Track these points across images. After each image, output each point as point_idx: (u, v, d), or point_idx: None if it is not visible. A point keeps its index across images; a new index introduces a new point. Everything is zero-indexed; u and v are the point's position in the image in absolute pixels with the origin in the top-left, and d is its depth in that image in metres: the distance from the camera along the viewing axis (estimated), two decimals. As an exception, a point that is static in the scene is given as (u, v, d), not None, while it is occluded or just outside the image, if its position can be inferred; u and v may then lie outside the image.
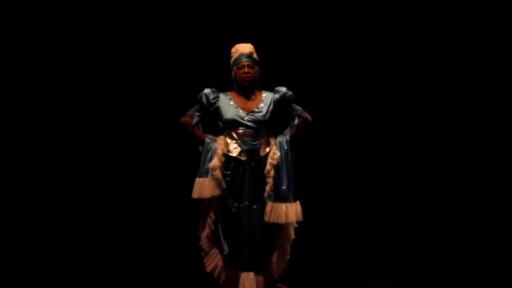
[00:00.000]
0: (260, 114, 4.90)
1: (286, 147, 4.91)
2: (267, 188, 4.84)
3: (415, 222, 6.33)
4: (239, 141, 4.89)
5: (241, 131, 4.90)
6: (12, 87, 6.17)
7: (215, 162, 4.83)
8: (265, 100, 4.96)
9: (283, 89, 4.98)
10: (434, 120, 6.39)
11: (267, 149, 4.92)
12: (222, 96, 4.98)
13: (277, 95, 4.97)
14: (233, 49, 4.98)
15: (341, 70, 6.41)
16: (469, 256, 6.19)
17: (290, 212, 4.82)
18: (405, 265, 6.23)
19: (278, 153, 4.88)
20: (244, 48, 4.96)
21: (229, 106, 4.93)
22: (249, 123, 4.89)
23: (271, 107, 4.93)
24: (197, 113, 5.00)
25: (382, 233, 6.36)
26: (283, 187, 4.83)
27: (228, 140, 4.92)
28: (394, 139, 6.39)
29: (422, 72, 6.39)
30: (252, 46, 4.98)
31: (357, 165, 6.43)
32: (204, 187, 4.84)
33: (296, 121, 5.00)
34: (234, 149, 4.90)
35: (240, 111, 4.91)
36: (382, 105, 6.42)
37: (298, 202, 4.88)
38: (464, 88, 6.36)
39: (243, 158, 4.89)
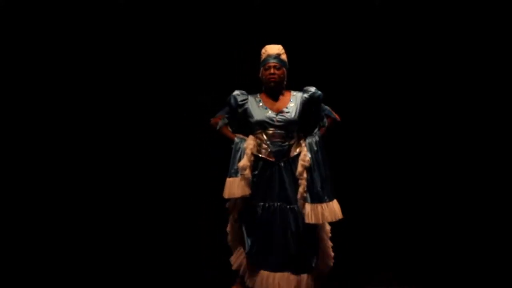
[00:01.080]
0: (289, 114, 4.92)
1: (316, 148, 4.94)
2: (301, 189, 4.86)
3: (415, 222, 6.37)
4: (268, 142, 4.91)
5: (270, 131, 4.91)
6: (12, 87, 6.09)
7: (244, 162, 4.84)
8: (294, 100, 4.98)
9: (312, 89, 5.01)
10: (432, 120, 6.43)
11: (297, 150, 4.93)
12: (251, 98, 5.00)
13: (305, 95, 4.99)
14: (262, 50, 5.02)
15: (341, 70, 6.41)
16: (469, 256, 6.26)
17: (326, 212, 4.86)
18: (405, 265, 6.28)
19: (309, 155, 4.88)
20: (272, 49, 4.99)
21: (258, 107, 4.95)
22: (278, 124, 4.90)
23: (300, 107, 4.95)
24: (226, 115, 5.01)
25: (382, 233, 6.39)
26: (318, 189, 4.86)
27: (258, 141, 4.92)
28: (394, 138, 6.42)
29: (423, 71, 6.43)
30: (281, 47, 5.01)
31: (357, 165, 6.44)
32: (234, 187, 4.84)
33: (325, 121, 5.03)
34: (263, 149, 4.90)
35: (269, 112, 4.93)
36: (382, 105, 6.44)
37: (335, 201, 4.93)
38: (464, 88, 6.41)
39: (271, 159, 4.88)
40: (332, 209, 4.90)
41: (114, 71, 6.20)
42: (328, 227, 5.02)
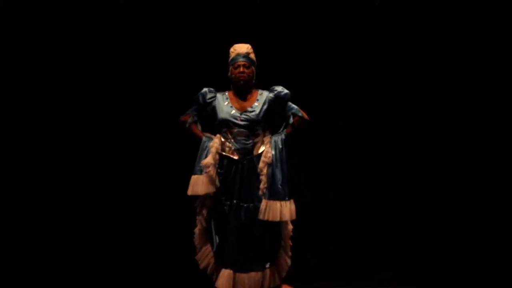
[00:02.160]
0: (253, 113, 4.95)
1: (280, 146, 4.95)
2: (261, 186, 4.89)
3: (415, 222, 6.32)
4: (232, 140, 4.95)
5: (235, 130, 4.96)
6: (12, 87, 6.17)
7: (208, 159, 4.90)
8: (260, 99, 5.00)
9: (278, 88, 5.01)
10: (433, 120, 6.37)
11: (262, 148, 4.95)
12: (219, 96, 5.05)
13: (271, 94, 5.02)
14: (231, 49, 5.04)
15: (341, 70, 6.41)
16: (469, 256, 6.17)
17: (284, 210, 4.86)
18: (405, 265, 6.22)
19: (272, 152, 4.92)
20: (241, 48, 5.02)
21: (225, 105, 4.99)
22: (242, 123, 4.94)
23: (265, 106, 4.97)
24: (195, 112, 5.08)
25: (382, 233, 6.35)
26: (278, 186, 4.86)
27: (223, 139, 4.97)
28: (393, 138, 6.38)
29: (422, 72, 6.37)
30: (249, 47, 5.04)
31: (357, 165, 6.43)
32: (198, 184, 4.90)
33: (291, 120, 5.02)
34: (227, 147, 4.95)
35: (234, 110, 4.97)
36: (382, 105, 6.41)
37: (291, 200, 4.91)
38: (465, 88, 6.34)
39: (235, 157, 4.94)
40: (290, 208, 4.88)
41: (113, 71, 6.28)
42: (290, 228, 5.00)
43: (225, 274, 4.90)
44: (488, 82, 6.30)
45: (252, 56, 5.01)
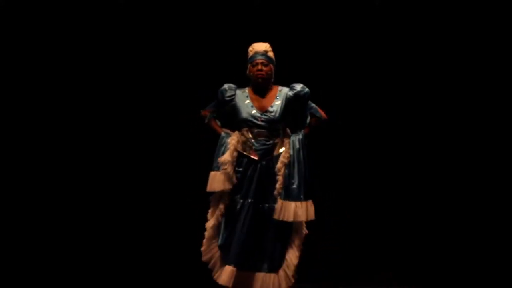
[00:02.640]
0: (273, 114, 4.91)
1: (298, 146, 4.90)
2: (277, 185, 4.85)
3: (415, 222, 6.37)
4: (252, 140, 4.91)
5: (255, 130, 4.91)
6: (13, 87, 6.15)
7: (225, 157, 4.86)
8: (279, 97, 4.95)
9: (298, 87, 4.97)
10: (433, 120, 6.42)
11: (281, 149, 4.92)
12: (239, 93, 4.99)
13: (290, 93, 4.96)
14: (250, 48, 5.00)
15: (341, 70, 6.43)
16: (469, 256, 6.23)
17: (299, 211, 4.80)
18: (405, 265, 6.25)
19: (291, 152, 4.88)
20: (259, 46, 4.98)
21: (245, 104, 4.94)
22: (262, 123, 4.90)
23: (283, 105, 4.93)
24: (214, 108, 5.03)
25: (382, 233, 6.38)
26: (294, 186, 4.82)
27: (243, 138, 4.92)
28: (394, 139, 6.42)
29: (422, 72, 6.41)
30: (268, 45, 5.00)
31: (357, 165, 6.44)
32: (215, 181, 4.86)
33: (309, 120, 5.00)
34: (248, 147, 4.91)
35: (254, 110, 4.92)
36: (382, 105, 6.43)
37: (310, 201, 4.87)
38: (465, 88, 6.39)
39: (255, 157, 4.90)
40: (307, 209, 4.83)
41: (115, 71, 6.28)
42: (303, 229, 4.93)
43: (228, 270, 4.82)
44: (488, 82, 6.36)
45: (271, 54, 4.98)
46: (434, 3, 6.36)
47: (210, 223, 4.94)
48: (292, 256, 4.89)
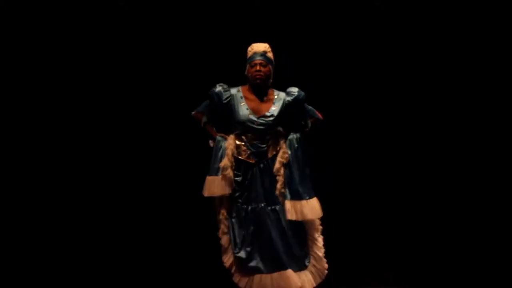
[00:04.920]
0: (271, 118, 4.89)
1: (296, 145, 4.91)
2: (278, 186, 4.85)
3: (415, 222, 6.36)
4: (247, 144, 4.89)
5: (250, 134, 4.90)
6: (14, 88, 6.15)
7: (225, 162, 4.84)
8: (277, 102, 4.93)
9: (295, 91, 4.96)
10: (432, 120, 6.42)
11: (276, 150, 4.91)
12: (234, 92, 4.95)
13: (289, 98, 4.94)
14: (249, 48, 4.98)
15: (341, 71, 6.41)
16: (469, 256, 6.24)
17: (305, 209, 4.82)
18: (405, 265, 6.25)
19: (289, 152, 4.86)
20: (258, 47, 4.96)
21: (241, 106, 4.91)
22: (259, 127, 4.88)
23: (281, 111, 4.91)
24: (208, 111, 4.98)
25: (382, 233, 6.37)
26: (296, 185, 4.82)
27: (237, 142, 4.91)
28: (393, 139, 6.41)
29: (423, 72, 6.40)
30: (267, 46, 4.98)
31: (357, 165, 6.43)
32: (214, 185, 4.83)
33: (309, 123, 5.01)
34: (243, 151, 4.89)
35: (251, 115, 4.88)
36: (382, 105, 6.43)
37: (315, 198, 4.87)
38: (465, 88, 6.38)
39: (251, 161, 4.88)
40: (312, 207, 4.84)
41: (116, 71, 6.26)
42: (317, 223, 4.93)
43: (257, 279, 4.80)
44: (488, 82, 6.36)
45: (270, 55, 4.95)
46: (434, 4, 6.33)
47: (220, 230, 4.92)
48: (316, 250, 4.92)
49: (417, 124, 6.41)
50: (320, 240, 4.98)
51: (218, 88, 4.94)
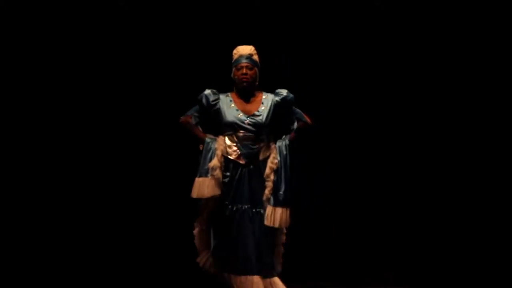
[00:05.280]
0: (260, 117, 4.88)
1: (285, 152, 4.88)
2: (266, 191, 4.83)
3: (415, 222, 6.35)
4: (238, 144, 4.88)
5: (241, 134, 4.88)
6: (13, 88, 6.17)
7: (215, 162, 4.83)
8: (265, 102, 4.93)
9: (284, 92, 4.95)
10: (432, 120, 6.41)
11: (267, 153, 4.90)
12: (222, 97, 4.96)
13: (277, 98, 4.94)
14: (234, 51, 4.98)
15: (341, 71, 6.41)
16: (469, 256, 6.21)
17: (284, 217, 4.79)
18: (405, 265, 6.23)
19: (278, 158, 4.86)
20: (244, 49, 4.96)
21: (230, 108, 4.91)
22: (249, 127, 4.87)
23: (271, 111, 4.91)
24: (197, 114, 4.99)
25: (382, 233, 6.37)
26: (281, 192, 4.81)
27: (228, 142, 4.91)
28: (394, 139, 6.40)
29: (423, 72, 6.37)
30: (253, 48, 4.97)
31: (357, 165, 6.44)
32: (204, 187, 4.82)
33: (295, 125, 4.97)
34: (233, 151, 4.89)
35: (241, 114, 4.89)
36: (382, 106, 6.42)
37: (288, 208, 4.83)
38: (465, 88, 6.36)
39: (241, 162, 4.88)
40: (287, 216, 4.81)
41: (114, 72, 6.29)
42: (283, 234, 4.93)
43: (254, 280, 4.79)
44: (488, 82, 6.34)
45: (256, 57, 4.95)
46: (434, 4, 6.31)
47: (196, 232, 4.95)
48: (277, 262, 4.91)
49: (417, 124, 6.41)
50: (281, 249, 4.96)
51: (207, 91, 4.96)
